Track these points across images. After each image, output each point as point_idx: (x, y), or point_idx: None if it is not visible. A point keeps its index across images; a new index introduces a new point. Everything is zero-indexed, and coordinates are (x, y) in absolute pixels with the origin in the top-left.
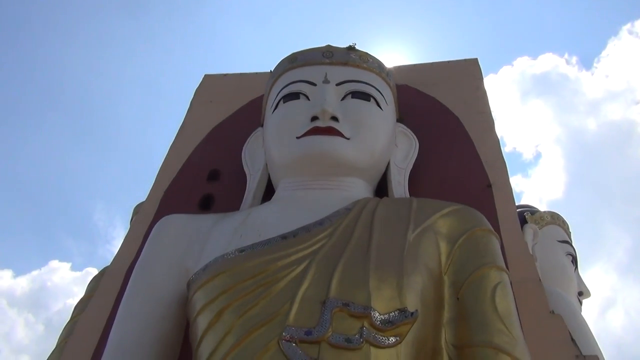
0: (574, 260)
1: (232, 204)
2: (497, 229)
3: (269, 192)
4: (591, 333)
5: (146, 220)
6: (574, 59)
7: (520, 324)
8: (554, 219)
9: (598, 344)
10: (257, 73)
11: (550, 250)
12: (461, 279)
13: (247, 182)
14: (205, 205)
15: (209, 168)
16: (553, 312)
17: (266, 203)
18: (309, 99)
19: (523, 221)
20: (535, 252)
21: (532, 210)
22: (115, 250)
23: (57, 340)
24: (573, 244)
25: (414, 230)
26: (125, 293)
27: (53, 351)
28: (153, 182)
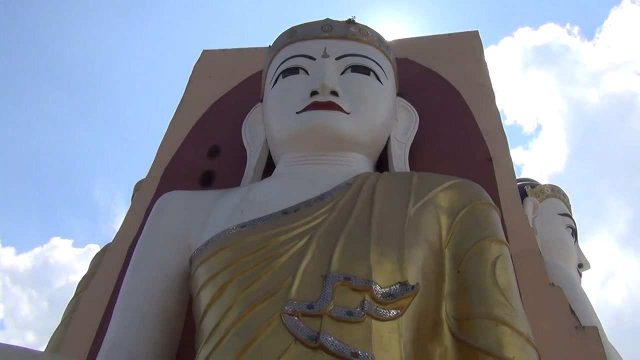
0: (574, 233)
1: (233, 179)
2: (497, 202)
3: (269, 167)
4: (590, 304)
5: (147, 197)
6: (576, 29)
7: (520, 296)
8: (555, 192)
9: (597, 315)
10: (256, 48)
11: (550, 223)
12: (462, 252)
13: (248, 158)
14: (206, 181)
15: (209, 144)
16: (553, 284)
17: (267, 178)
18: (308, 74)
19: (523, 194)
20: (535, 224)
21: (533, 184)
22: (117, 227)
23: (61, 316)
24: (573, 217)
25: (415, 204)
26: (128, 269)
27: (58, 327)
28: (153, 158)
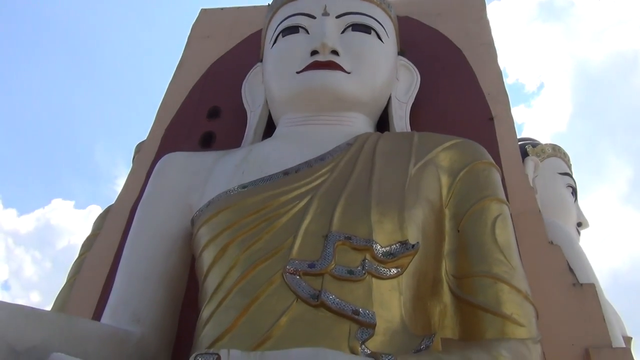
0: (574, 192)
1: (233, 141)
2: (498, 161)
3: (270, 128)
4: (588, 262)
5: (148, 159)
6: None
7: (519, 254)
8: (555, 152)
9: (595, 272)
10: (255, 6)
11: (550, 182)
12: (462, 211)
13: (248, 119)
14: (206, 142)
15: (209, 105)
16: (552, 242)
17: (267, 139)
18: (308, 33)
19: (524, 154)
20: (535, 184)
21: (534, 143)
22: (118, 189)
23: (66, 277)
24: (573, 176)
25: (416, 164)
26: (131, 230)
27: (63, 287)
28: (153, 120)
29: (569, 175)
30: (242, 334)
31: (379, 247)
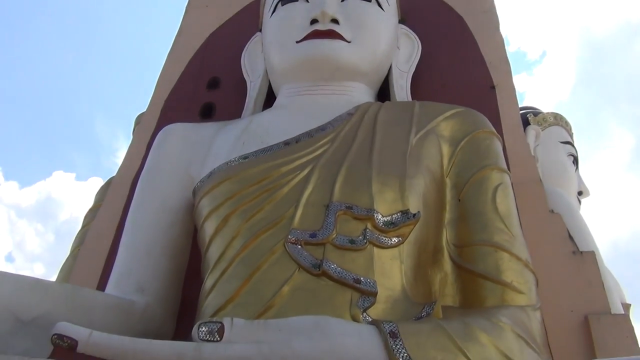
0: (575, 161)
1: (234, 111)
2: (499, 130)
3: (270, 99)
4: (588, 230)
5: (148, 130)
6: None
7: (519, 223)
8: (557, 120)
9: (595, 240)
10: None
11: (552, 151)
12: (463, 180)
13: (248, 90)
14: (207, 113)
15: (209, 76)
16: (552, 211)
17: (268, 110)
18: (307, 1)
19: (526, 122)
20: (537, 153)
21: (535, 112)
22: (119, 161)
23: (69, 249)
24: (575, 145)
25: (417, 134)
26: (133, 202)
27: (67, 258)
28: (153, 91)
29: (571, 144)
30: (244, 303)
31: (380, 216)
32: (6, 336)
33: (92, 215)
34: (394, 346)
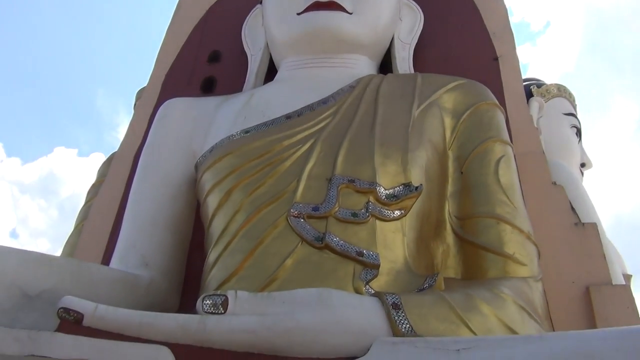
0: (578, 133)
1: (235, 85)
2: (502, 102)
3: (271, 72)
4: (591, 202)
5: (149, 105)
6: None
7: (522, 195)
8: (560, 92)
9: (597, 212)
10: None
11: (555, 122)
12: (465, 153)
13: (249, 63)
14: (208, 87)
15: (209, 49)
16: (555, 183)
17: (269, 83)
18: None
19: (529, 94)
20: (540, 125)
21: (539, 83)
22: (121, 136)
23: (73, 224)
24: (578, 117)
25: (419, 106)
26: (136, 177)
27: (71, 234)
28: (153, 65)
29: (574, 115)
30: (248, 276)
31: (382, 189)
32: (13, 310)
33: (95, 191)
34: (396, 317)
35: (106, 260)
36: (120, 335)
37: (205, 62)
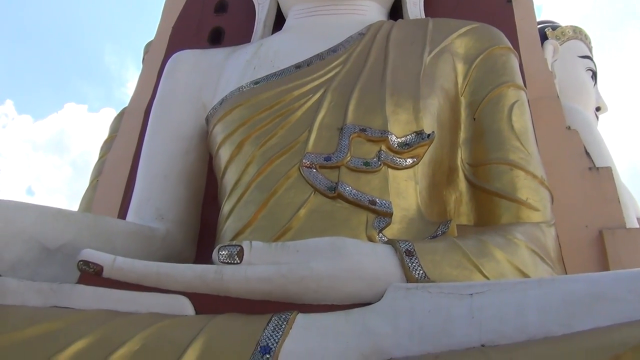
0: (594, 76)
1: (243, 36)
2: (516, 46)
3: (279, 21)
4: (605, 146)
5: (157, 58)
6: None
7: (535, 140)
8: (576, 34)
9: (611, 156)
10: None
11: (570, 66)
12: (478, 98)
13: (256, 12)
14: (215, 39)
15: (216, 0)
16: (569, 127)
17: (277, 33)
18: None
19: (543, 37)
20: (554, 68)
21: (554, 26)
22: (130, 91)
23: (87, 180)
24: (594, 59)
25: (430, 52)
26: (147, 131)
27: (87, 189)
28: (160, 18)
29: (590, 58)
30: (262, 227)
31: (394, 137)
32: (34, 264)
33: (108, 147)
34: (410, 264)
35: (122, 214)
36: (139, 286)
37: (212, 12)
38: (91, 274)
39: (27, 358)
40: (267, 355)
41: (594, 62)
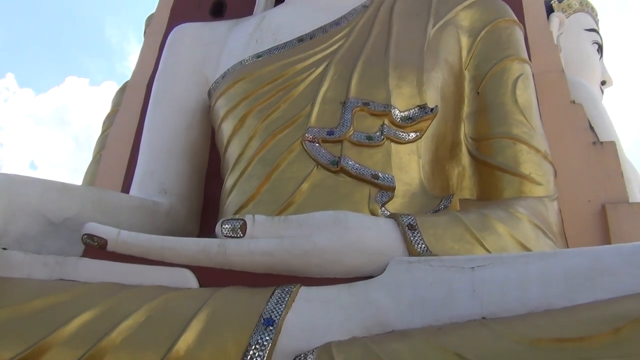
0: (600, 49)
1: (245, 8)
2: (521, 18)
3: None
4: (610, 121)
5: (159, 31)
6: None
7: (539, 114)
8: (582, 6)
9: (616, 131)
10: None
11: (576, 39)
12: (482, 72)
13: None
14: (217, 12)
15: None
16: (574, 101)
17: (280, 5)
18: None
19: (549, 10)
20: (560, 41)
21: None
22: (132, 65)
23: (91, 154)
24: (600, 32)
25: (435, 25)
26: (150, 105)
27: (90, 163)
28: None
29: (596, 31)
30: (265, 201)
31: (397, 111)
32: (39, 238)
33: (110, 121)
34: (412, 238)
35: (125, 188)
36: (143, 260)
37: None
38: (95, 248)
39: (33, 330)
40: (270, 328)
41: (600, 35)
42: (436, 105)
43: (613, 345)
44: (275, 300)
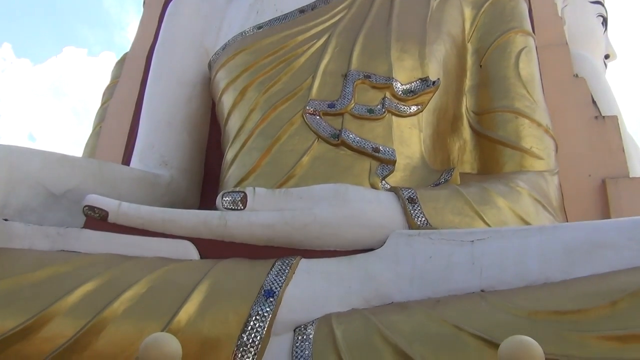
0: (605, 22)
1: None
2: None
3: None
4: (613, 95)
5: (158, 2)
6: None
7: (542, 88)
8: None
9: (618, 105)
10: None
11: (581, 11)
12: (485, 45)
13: None
14: None
15: None
16: (577, 75)
17: None
18: None
19: None
20: (564, 14)
21: None
22: (131, 36)
23: (90, 126)
24: (605, 5)
25: None
26: (149, 77)
27: (90, 135)
28: None
29: (601, 3)
30: (266, 173)
31: (399, 84)
32: (41, 209)
33: (110, 93)
34: (412, 211)
35: (125, 160)
36: (144, 231)
37: None
38: (97, 219)
39: (35, 300)
40: (271, 299)
41: (605, 8)
42: (438, 78)
43: (610, 317)
44: (276, 272)
